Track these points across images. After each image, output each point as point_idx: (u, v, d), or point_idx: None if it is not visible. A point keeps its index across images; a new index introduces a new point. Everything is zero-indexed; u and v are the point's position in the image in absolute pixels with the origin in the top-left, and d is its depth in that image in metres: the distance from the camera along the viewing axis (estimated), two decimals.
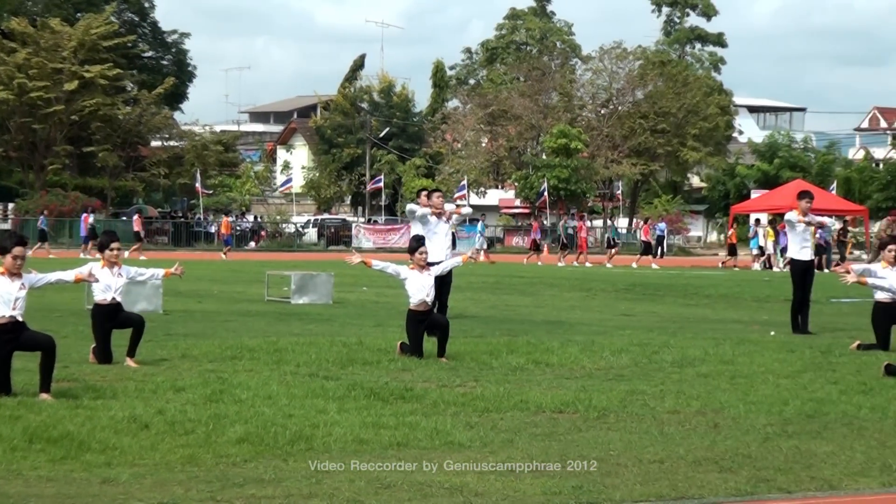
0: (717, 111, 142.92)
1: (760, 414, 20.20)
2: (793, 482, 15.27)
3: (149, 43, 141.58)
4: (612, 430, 18.61)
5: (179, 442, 16.94)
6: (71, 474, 14.89)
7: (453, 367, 25.76)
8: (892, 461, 16.55)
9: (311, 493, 14.17)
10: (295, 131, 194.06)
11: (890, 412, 20.55)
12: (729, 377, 24.64)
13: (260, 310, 41.41)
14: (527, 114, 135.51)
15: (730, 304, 46.23)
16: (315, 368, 25.10)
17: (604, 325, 35.98)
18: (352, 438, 17.49)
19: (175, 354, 26.86)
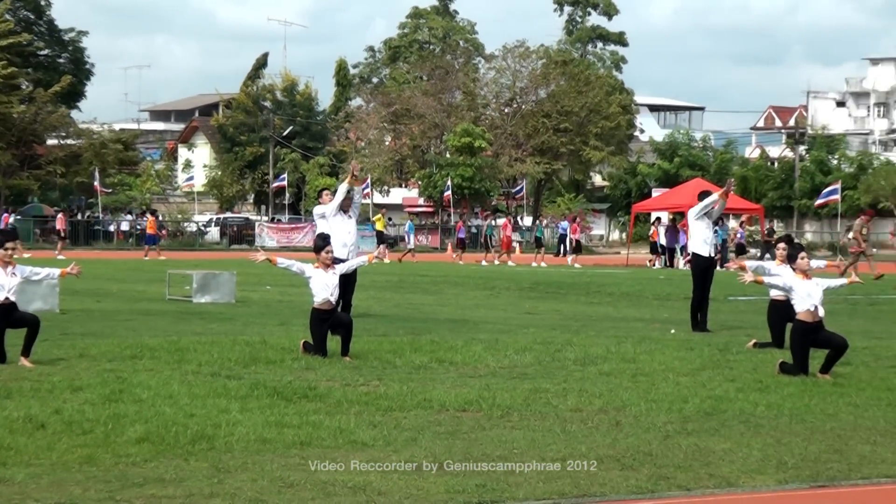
0: (619, 110, 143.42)
1: (661, 412, 20.38)
2: (692, 480, 15.47)
3: (45, 41, 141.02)
4: (516, 429, 18.71)
5: (77, 442, 16.89)
6: None
7: (357, 365, 25.74)
8: (787, 458, 16.83)
9: (213, 492, 14.19)
10: (196, 130, 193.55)
11: (785, 409, 20.80)
12: (630, 375, 24.77)
13: (161, 309, 41.15)
14: (430, 112, 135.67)
15: (631, 302, 46.39)
16: (217, 368, 24.98)
17: (508, 324, 36.04)
18: (254, 438, 17.49)
19: (72, 354, 26.52)
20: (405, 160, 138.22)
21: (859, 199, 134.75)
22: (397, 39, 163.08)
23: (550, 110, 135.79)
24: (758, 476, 15.72)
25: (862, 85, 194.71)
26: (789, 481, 15.50)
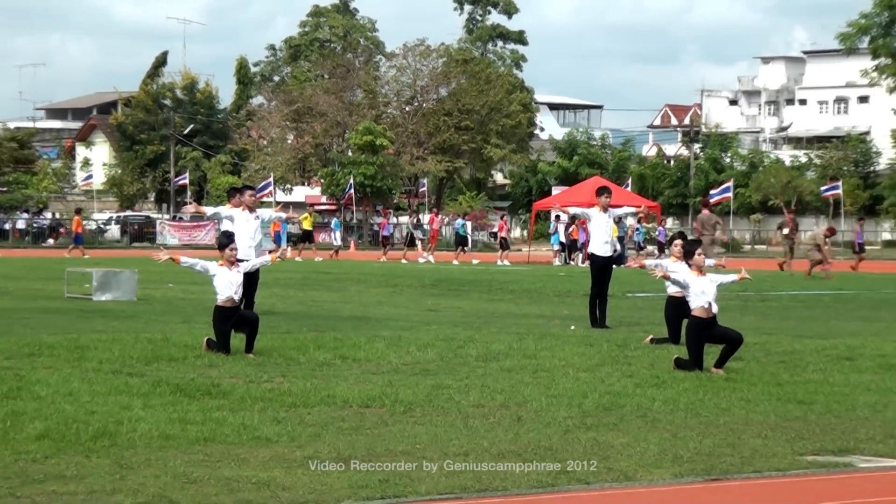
0: (520, 108, 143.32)
1: (561, 407, 20.60)
2: (591, 474, 15.59)
3: None
4: (419, 424, 18.89)
5: None
6: None
7: (261, 362, 25.83)
8: (683, 452, 17.04)
9: (115, 488, 14.26)
10: (95, 128, 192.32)
11: (681, 404, 21.06)
12: (532, 371, 24.98)
13: (60, 307, 40.70)
14: (332, 111, 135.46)
15: (532, 299, 46.42)
16: (119, 365, 24.83)
17: (410, 321, 36.03)
18: (157, 434, 17.46)
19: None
20: (308, 158, 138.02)
21: (750, 197, 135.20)
22: (298, 38, 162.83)
23: (451, 108, 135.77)
24: (655, 470, 15.92)
25: (753, 83, 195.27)
26: (685, 475, 15.71)
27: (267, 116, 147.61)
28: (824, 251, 70.04)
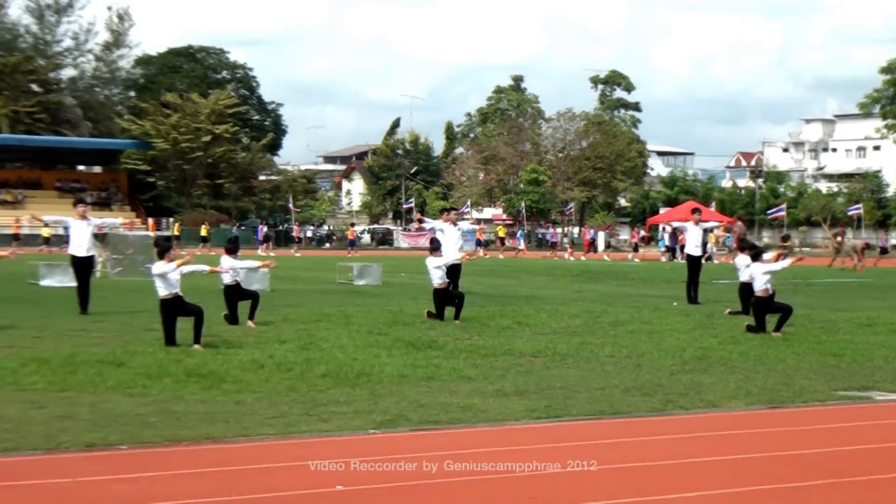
0: (636, 154, 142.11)
1: (667, 357, 20.46)
2: (689, 403, 15.70)
3: (256, 110, 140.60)
4: (570, 368, 18.91)
5: (284, 377, 17.19)
6: (215, 398, 15.14)
7: (464, 326, 25.70)
8: (752, 388, 17.05)
9: (371, 409, 14.49)
10: (354, 169, 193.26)
11: (750, 356, 20.84)
12: (647, 333, 24.66)
13: (333, 289, 40.50)
14: (509, 157, 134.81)
15: (647, 284, 46.02)
16: (371, 328, 24.91)
17: (563, 299, 35.37)
18: (397, 374, 17.74)
19: (279, 319, 26.44)
20: (493, 189, 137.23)
21: (798, 215, 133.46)
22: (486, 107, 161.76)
23: (590, 155, 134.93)
24: (732, 400, 15.98)
25: (799, 137, 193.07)
26: (754, 404, 15.75)
27: (465, 161, 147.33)
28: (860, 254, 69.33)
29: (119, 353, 19.45)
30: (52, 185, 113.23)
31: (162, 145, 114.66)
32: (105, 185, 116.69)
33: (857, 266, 65.91)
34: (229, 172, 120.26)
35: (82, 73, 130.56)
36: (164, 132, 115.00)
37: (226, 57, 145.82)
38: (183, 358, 18.97)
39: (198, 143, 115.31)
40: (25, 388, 15.76)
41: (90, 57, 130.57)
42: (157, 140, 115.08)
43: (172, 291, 20.89)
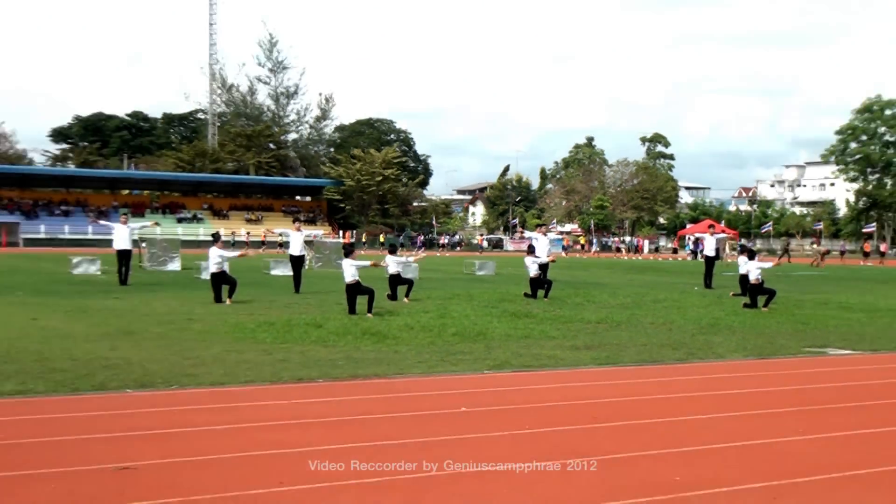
0: (671, 188, 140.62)
1: (689, 323, 20.08)
2: (704, 355, 15.43)
3: (412, 159, 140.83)
4: (622, 331, 18.53)
5: (427, 335, 17.02)
6: (381, 349, 15.06)
7: (550, 303, 25.16)
8: (748, 345, 16.76)
9: (486, 357, 14.46)
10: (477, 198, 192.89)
11: (747, 323, 20.46)
12: (676, 307, 24.16)
13: (462, 278, 39.27)
14: (583, 190, 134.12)
15: (676, 275, 45.56)
16: (487, 303, 24.50)
17: (618, 284, 35.01)
18: (503, 334, 17.49)
19: (424, 296, 25.97)
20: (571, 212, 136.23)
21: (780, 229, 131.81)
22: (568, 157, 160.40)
23: (639, 189, 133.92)
24: (734, 353, 15.64)
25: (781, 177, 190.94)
26: (749, 357, 15.35)
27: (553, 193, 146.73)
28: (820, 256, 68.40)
29: (318, 318, 19.54)
30: (279, 209, 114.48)
31: (349, 183, 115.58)
32: (312, 209, 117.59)
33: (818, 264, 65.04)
34: (393, 200, 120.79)
35: (301, 137, 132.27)
36: (351, 174, 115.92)
37: (393, 125, 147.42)
38: (360, 322, 19.02)
39: (373, 181, 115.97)
40: (259, 340, 15.89)
41: (306, 126, 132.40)
42: (347, 180, 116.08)
43: (354, 279, 20.99)
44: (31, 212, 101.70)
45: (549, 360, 14.37)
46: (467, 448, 8.68)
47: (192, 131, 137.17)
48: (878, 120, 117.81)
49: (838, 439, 9.41)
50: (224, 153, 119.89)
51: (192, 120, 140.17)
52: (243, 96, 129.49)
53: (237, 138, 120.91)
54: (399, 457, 8.25)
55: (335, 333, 17.04)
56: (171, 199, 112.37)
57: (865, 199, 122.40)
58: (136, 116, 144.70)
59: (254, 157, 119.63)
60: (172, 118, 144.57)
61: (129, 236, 30.41)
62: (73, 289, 28.04)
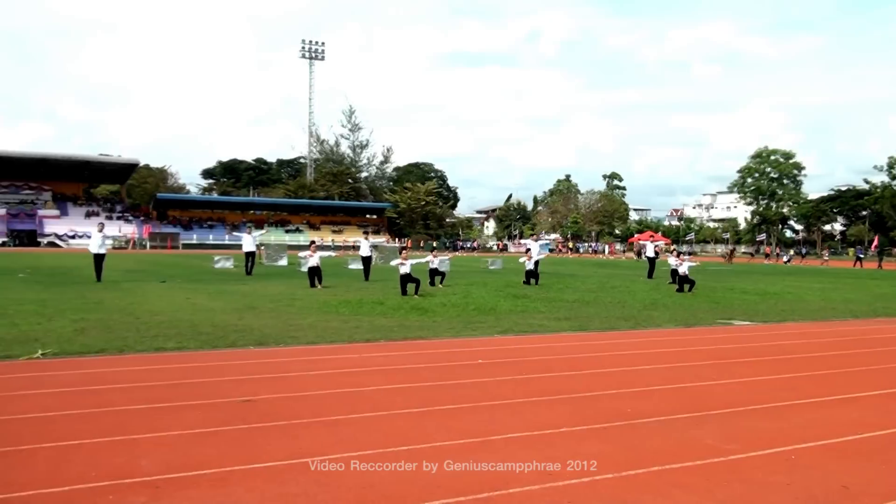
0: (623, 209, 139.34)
1: (637, 303, 19.73)
2: (647, 324, 15.14)
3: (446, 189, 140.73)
4: (591, 307, 18.13)
5: (455, 310, 16.65)
6: (423, 319, 14.87)
7: (540, 287, 24.39)
8: (678, 318, 16.37)
9: (496, 326, 14.16)
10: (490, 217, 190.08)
11: (677, 303, 20.02)
12: (628, 291, 23.73)
13: (478, 270, 38.42)
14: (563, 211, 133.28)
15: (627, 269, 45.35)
16: (496, 288, 23.59)
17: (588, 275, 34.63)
18: (507, 309, 17.10)
19: (453, 283, 25.21)
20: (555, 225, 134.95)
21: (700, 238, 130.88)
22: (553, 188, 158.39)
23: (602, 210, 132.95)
24: (668, 324, 15.31)
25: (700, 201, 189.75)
26: (679, 325, 15.09)
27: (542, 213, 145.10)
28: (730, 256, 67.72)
29: (381, 298, 19.40)
30: (354, 224, 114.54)
31: (402, 206, 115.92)
32: (377, 224, 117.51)
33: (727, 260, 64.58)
34: (432, 218, 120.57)
35: (370, 175, 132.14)
36: (403, 200, 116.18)
37: (432, 166, 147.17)
38: (409, 301, 18.77)
39: (418, 205, 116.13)
40: (340, 313, 15.74)
41: (373, 167, 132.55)
42: (401, 203, 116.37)
43: (405, 271, 20.94)
44: (188, 225, 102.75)
45: (539, 328, 14.11)
46: (482, 389, 8.63)
47: (296, 171, 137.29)
48: (766, 163, 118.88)
49: (742, 383, 9.29)
50: (317, 186, 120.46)
51: (296, 163, 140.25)
52: (331, 147, 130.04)
53: (326, 176, 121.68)
54: (436, 394, 8.27)
55: (392, 308, 16.85)
56: (281, 216, 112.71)
57: (758, 217, 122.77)
58: (259, 161, 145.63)
59: (338, 188, 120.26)
60: (283, 162, 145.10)
61: (252, 242, 30.63)
62: (214, 278, 28.18)
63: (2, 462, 5.80)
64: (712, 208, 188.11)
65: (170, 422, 6.94)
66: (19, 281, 24.41)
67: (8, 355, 10.10)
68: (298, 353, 10.87)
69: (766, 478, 5.82)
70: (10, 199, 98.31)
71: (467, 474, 5.71)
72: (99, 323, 13.47)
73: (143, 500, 5.14)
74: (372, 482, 5.52)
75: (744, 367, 10.47)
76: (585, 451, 6.32)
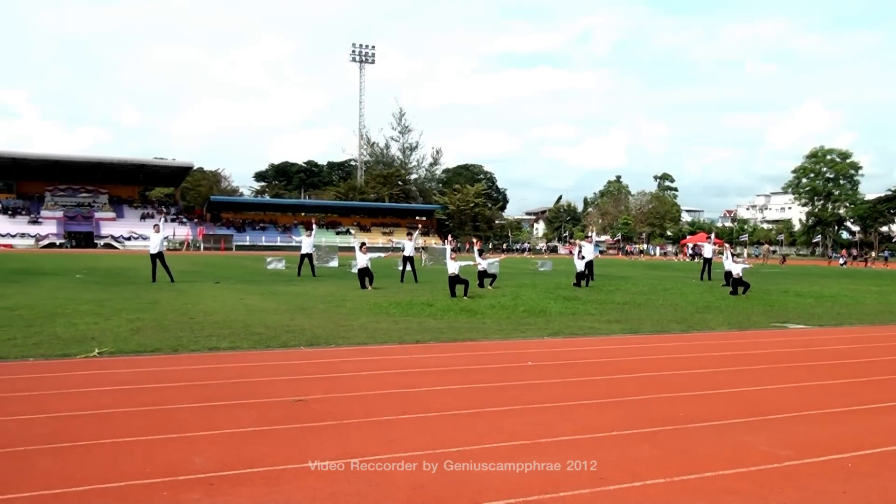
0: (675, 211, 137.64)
1: (689, 305, 19.50)
2: (699, 327, 14.94)
3: (495, 191, 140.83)
4: (642, 310, 17.94)
5: (504, 311, 16.57)
6: (472, 321, 14.84)
7: (591, 289, 24.27)
8: (731, 321, 16.14)
9: (545, 327, 14.08)
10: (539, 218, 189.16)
11: (731, 306, 19.77)
12: (680, 293, 23.53)
13: (528, 272, 38.29)
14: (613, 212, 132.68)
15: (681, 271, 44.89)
16: (545, 289, 23.52)
17: (640, 277, 34.44)
18: (558, 311, 16.98)
19: (503, 285, 25.22)
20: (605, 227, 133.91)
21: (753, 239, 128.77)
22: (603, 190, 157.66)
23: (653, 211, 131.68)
24: (722, 326, 15.11)
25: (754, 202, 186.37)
26: (732, 328, 14.86)
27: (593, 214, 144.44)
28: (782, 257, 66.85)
29: (430, 300, 19.38)
30: (404, 226, 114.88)
31: (452, 208, 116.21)
32: (426, 226, 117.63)
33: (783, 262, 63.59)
34: (481, 220, 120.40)
35: (419, 177, 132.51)
36: (453, 202, 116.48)
37: (482, 167, 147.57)
38: (458, 302, 18.72)
39: (467, 207, 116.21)
40: (390, 314, 15.77)
41: (423, 169, 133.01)
42: (450, 205, 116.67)
43: (454, 272, 20.94)
44: (241, 227, 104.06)
45: (590, 330, 14.00)
46: (531, 390, 8.59)
47: (347, 173, 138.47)
48: (822, 163, 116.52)
49: (797, 388, 9.11)
50: (368, 188, 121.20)
51: (347, 166, 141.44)
52: (381, 150, 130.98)
53: (376, 178, 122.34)
54: (486, 396, 8.25)
55: (441, 310, 16.83)
56: (332, 218, 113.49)
57: (813, 219, 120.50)
58: (310, 163, 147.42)
59: (387, 190, 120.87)
60: (334, 165, 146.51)
61: (311, 244, 30.89)
62: (266, 278, 28.48)
63: (60, 457, 5.93)
64: (766, 209, 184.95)
65: (223, 420, 7.03)
66: (77, 281, 24.93)
67: (66, 354, 10.34)
68: (349, 353, 10.92)
69: (821, 485, 5.70)
70: (67, 202, 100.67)
71: (517, 476, 5.69)
72: (154, 323, 13.72)
73: (197, 496, 5.22)
74: (422, 482, 5.53)
75: (799, 371, 10.27)
76: (636, 455, 6.26)
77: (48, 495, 5.17)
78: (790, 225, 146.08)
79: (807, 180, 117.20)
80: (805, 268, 59.57)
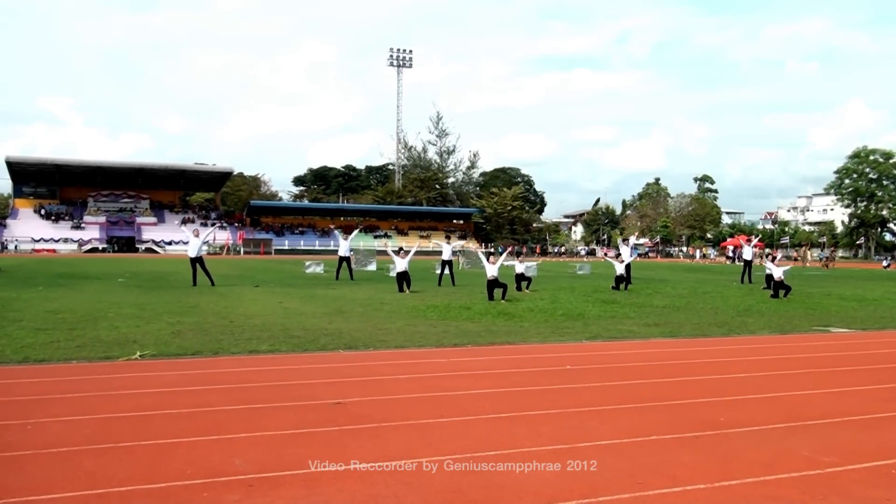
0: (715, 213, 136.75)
1: (730, 308, 19.28)
2: (740, 331, 14.74)
3: (532, 194, 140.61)
4: (682, 313, 17.78)
5: (541, 315, 16.49)
6: (510, 324, 14.82)
7: (629, 292, 24.15)
8: (772, 324, 15.91)
9: (583, 331, 13.98)
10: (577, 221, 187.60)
11: (772, 309, 19.48)
12: (720, 296, 23.28)
13: (566, 275, 38.26)
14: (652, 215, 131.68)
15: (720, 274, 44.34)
16: (583, 292, 23.43)
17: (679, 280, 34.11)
18: (596, 315, 16.89)
19: (540, 288, 25.15)
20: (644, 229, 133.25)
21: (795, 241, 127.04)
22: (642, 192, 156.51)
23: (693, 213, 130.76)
24: (763, 330, 14.89)
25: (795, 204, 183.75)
26: (773, 332, 14.64)
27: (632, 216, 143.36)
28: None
29: (468, 303, 19.40)
30: (442, 229, 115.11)
31: (489, 211, 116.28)
32: (463, 229, 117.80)
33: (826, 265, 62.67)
34: (519, 223, 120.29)
35: (457, 180, 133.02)
36: (490, 205, 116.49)
37: (520, 171, 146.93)
38: (496, 305, 18.71)
39: (505, 210, 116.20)
40: (428, 318, 15.81)
41: (460, 173, 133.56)
42: (487, 209, 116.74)
43: (493, 275, 20.91)
44: (280, 231, 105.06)
45: (629, 334, 13.91)
46: (570, 394, 8.54)
47: (385, 177, 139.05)
48: (865, 163, 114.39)
49: (840, 393, 8.96)
50: (405, 192, 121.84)
51: (384, 170, 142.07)
52: (419, 153, 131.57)
53: (414, 182, 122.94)
54: (524, 399, 8.22)
55: (479, 313, 16.82)
56: (370, 222, 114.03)
57: (856, 220, 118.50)
58: (348, 168, 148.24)
59: (425, 194, 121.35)
60: (372, 169, 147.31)
61: (348, 247, 31.04)
62: (305, 282, 28.68)
63: (102, 458, 6.01)
64: (808, 211, 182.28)
65: (263, 422, 7.09)
66: (119, 285, 25.32)
67: (108, 356, 10.50)
68: (387, 356, 10.95)
69: (865, 492, 5.60)
70: (110, 207, 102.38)
71: (555, 480, 5.67)
72: (195, 326, 13.88)
73: (237, 497, 5.26)
74: (460, 486, 5.52)
75: (842, 376, 10.10)
76: (676, 460, 6.20)
77: (92, 495, 5.25)
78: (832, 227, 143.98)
79: (849, 181, 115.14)
80: (848, 270, 58.58)
